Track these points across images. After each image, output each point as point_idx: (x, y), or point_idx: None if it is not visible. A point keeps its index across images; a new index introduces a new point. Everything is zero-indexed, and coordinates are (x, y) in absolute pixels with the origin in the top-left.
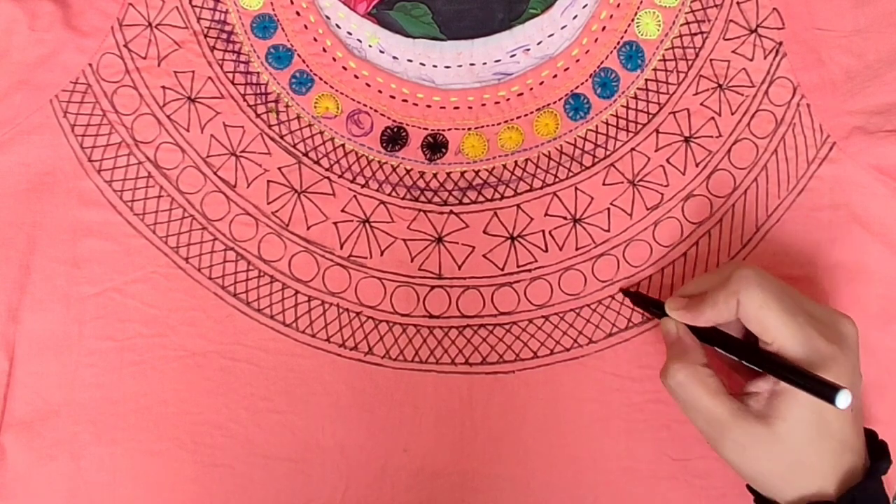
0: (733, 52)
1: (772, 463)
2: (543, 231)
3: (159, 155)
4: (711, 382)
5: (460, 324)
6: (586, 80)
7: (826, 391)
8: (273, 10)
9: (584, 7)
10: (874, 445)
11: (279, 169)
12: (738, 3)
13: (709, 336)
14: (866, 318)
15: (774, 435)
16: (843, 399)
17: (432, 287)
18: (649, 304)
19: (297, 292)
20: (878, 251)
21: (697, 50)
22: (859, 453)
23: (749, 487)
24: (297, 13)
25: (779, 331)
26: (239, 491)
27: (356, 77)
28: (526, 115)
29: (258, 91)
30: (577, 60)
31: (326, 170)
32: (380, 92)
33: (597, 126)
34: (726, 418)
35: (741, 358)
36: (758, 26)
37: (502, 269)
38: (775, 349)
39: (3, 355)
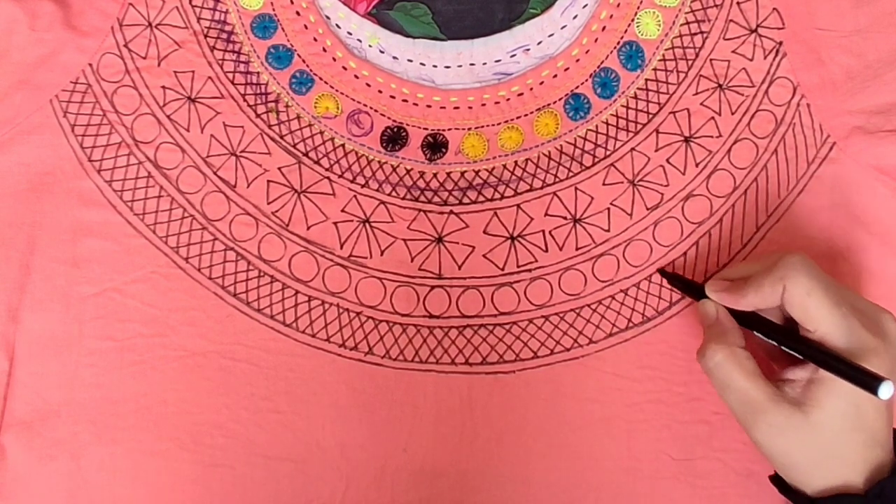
0: (733, 51)
1: (804, 450)
2: (543, 231)
3: (159, 155)
4: (749, 365)
5: (460, 324)
6: (586, 80)
7: (868, 381)
8: (273, 10)
9: (584, 7)
10: None
11: (279, 169)
12: (738, 2)
13: (748, 321)
14: None
15: (809, 423)
16: (886, 390)
17: (432, 287)
18: (687, 286)
19: (297, 292)
20: (878, 251)
21: (697, 50)
22: (888, 449)
23: (772, 479)
24: (297, 13)
25: (823, 319)
26: (239, 491)
27: (356, 77)
28: (526, 114)
29: (258, 91)
30: (577, 60)
31: (326, 170)
32: (380, 92)
33: (597, 126)
34: (762, 401)
35: (782, 344)
36: (758, 26)
37: (502, 269)
38: (818, 337)
39: (3, 355)
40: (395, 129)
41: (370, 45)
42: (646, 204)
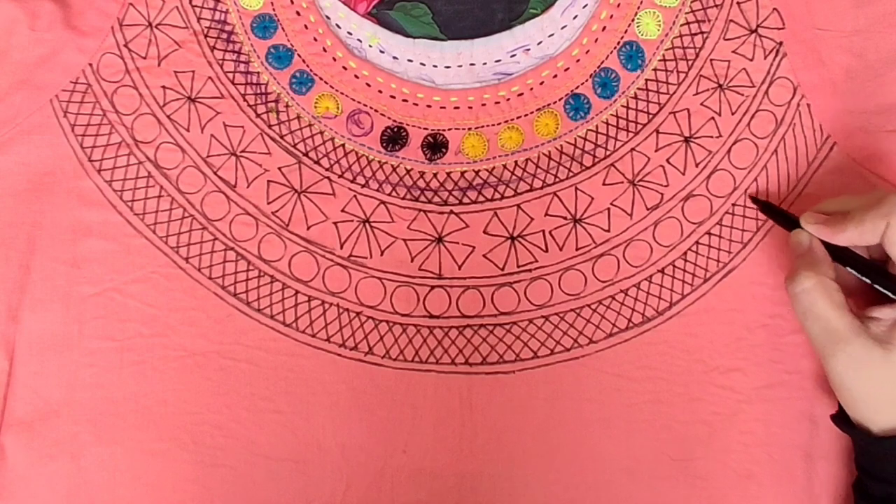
0: (733, 52)
1: (880, 387)
2: (543, 231)
3: (159, 155)
4: (837, 296)
5: (460, 324)
6: (586, 80)
7: None
8: (273, 9)
9: (585, 7)
10: None
11: (279, 169)
12: (738, 3)
13: (840, 255)
14: None
15: (890, 361)
16: None
17: (432, 287)
18: (779, 215)
19: (297, 292)
20: None
21: (698, 50)
22: None
23: (834, 418)
24: (297, 13)
25: None
26: (239, 491)
27: (356, 77)
28: (526, 114)
29: (258, 91)
30: (578, 60)
31: (326, 170)
32: (380, 92)
33: (597, 126)
34: (845, 332)
35: (875, 282)
36: (758, 26)
37: (502, 269)
38: None
39: (3, 355)
40: (396, 129)
41: (370, 45)
42: (646, 204)
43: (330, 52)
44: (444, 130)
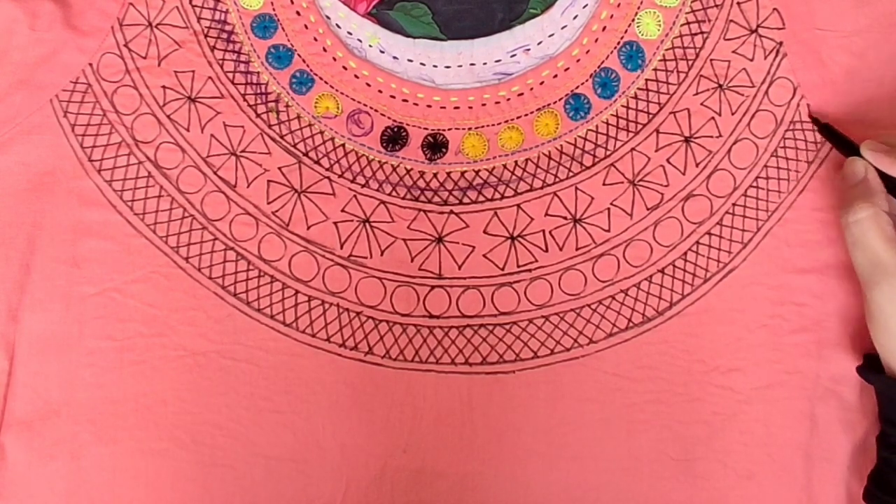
0: (734, 52)
1: None
2: (544, 231)
3: (159, 155)
4: (889, 229)
5: (460, 324)
6: (586, 80)
7: None
8: (273, 9)
9: (585, 7)
10: None
11: (279, 169)
12: (738, 3)
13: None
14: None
15: None
16: None
17: (432, 287)
18: (839, 139)
19: (297, 292)
20: None
21: (698, 50)
22: None
23: (860, 370)
24: (298, 13)
25: None
26: (240, 491)
27: (356, 77)
28: (526, 114)
29: (258, 91)
30: (578, 60)
31: (326, 169)
32: (380, 92)
33: (597, 126)
34: (892, 265)
35: None
36: (758, 26)
37: (502, 269)
38: None
39: (3, 355)
40: (396, 129)
41: (370, 45)
42: (646, 204)
43: (330, 52)
44: (444, 130)
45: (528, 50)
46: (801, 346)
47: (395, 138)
